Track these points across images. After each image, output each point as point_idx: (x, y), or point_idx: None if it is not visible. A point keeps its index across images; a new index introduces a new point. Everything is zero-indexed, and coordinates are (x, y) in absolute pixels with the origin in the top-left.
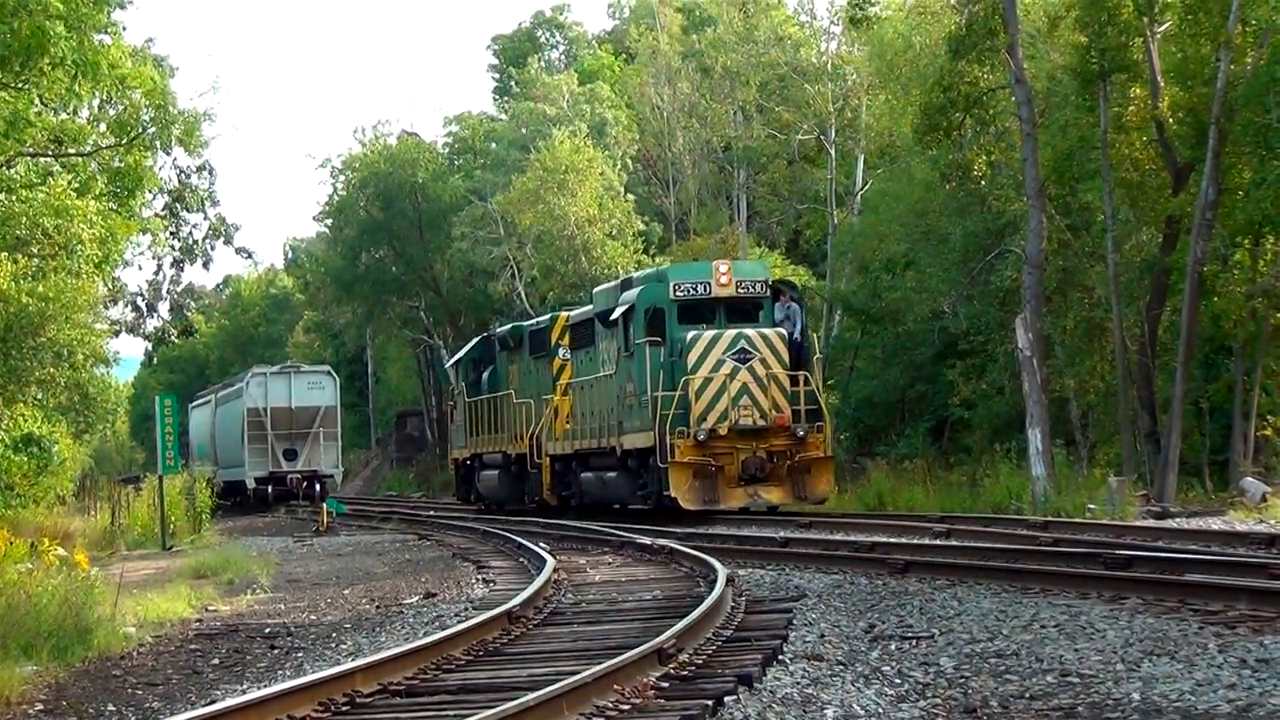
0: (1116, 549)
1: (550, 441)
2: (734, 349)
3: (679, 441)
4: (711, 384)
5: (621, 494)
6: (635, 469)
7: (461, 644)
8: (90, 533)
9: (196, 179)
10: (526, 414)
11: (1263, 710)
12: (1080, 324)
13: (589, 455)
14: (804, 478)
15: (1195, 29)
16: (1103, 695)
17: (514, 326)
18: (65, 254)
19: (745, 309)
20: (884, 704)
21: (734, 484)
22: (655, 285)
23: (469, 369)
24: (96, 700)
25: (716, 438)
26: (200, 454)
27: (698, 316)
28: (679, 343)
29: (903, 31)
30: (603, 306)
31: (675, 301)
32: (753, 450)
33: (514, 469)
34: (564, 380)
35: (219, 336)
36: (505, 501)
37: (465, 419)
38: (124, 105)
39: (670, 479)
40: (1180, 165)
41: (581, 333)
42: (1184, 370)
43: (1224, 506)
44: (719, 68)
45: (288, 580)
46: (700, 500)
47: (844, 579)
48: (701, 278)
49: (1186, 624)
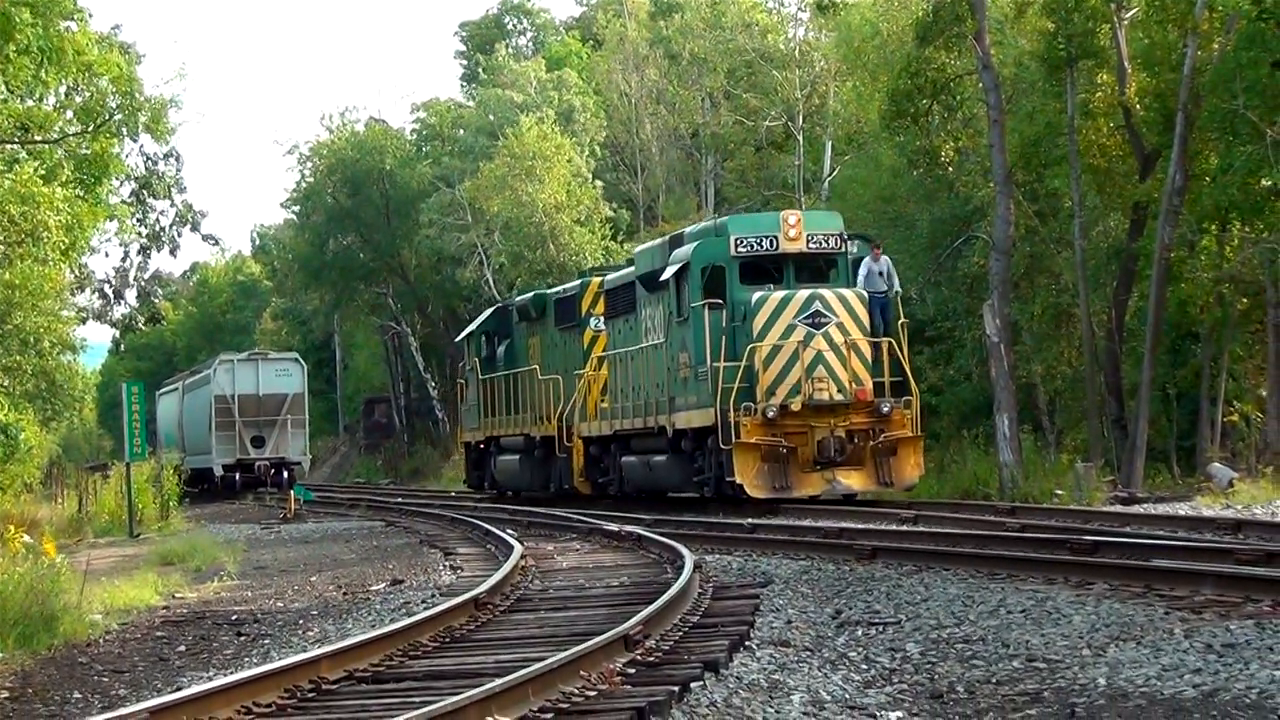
0: (1083, 534)
1: (583, 422)
2: (806, 312)
3: (744, 419)
4: (781, 352)
5: (672, 480)
6: (689, 452)
7: (428, 631)
8: (57, 520)
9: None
10: (554, 391)
11: (1228, 695)
12: (1048, 310)
13: (631, 437)
14: (889, 460)
15: (1162, 15)
16: (1069, 680)
17: (536, 295)
18: (32, 241)
19: (817, 266)
20: (850, 690)
21: (808, 468)
22: (713, 241)
23: (482, 343)
24: (63, 688)
25: (788, 415)
26: (168, 441)
27: (763, 275)
28: (742, 305)
29: (870, 18)
30: (647, 267)
31: (737, 259)
32: (830, 429)
33: (538, 453)
34: (598, 353)
35: (186, 323)
36: (527, 489)
37: (479, 398)
38: (90, 92)
39: (735, 463)
40: (1147, 151)
41: (619, 299)
42: (1151, 356)
43: (1191, 492)
44: (686, 54)
45: (255, 567)
46: (770, 487)
47: (811, 565)
48: (767, 231)
49: (1153, 609)
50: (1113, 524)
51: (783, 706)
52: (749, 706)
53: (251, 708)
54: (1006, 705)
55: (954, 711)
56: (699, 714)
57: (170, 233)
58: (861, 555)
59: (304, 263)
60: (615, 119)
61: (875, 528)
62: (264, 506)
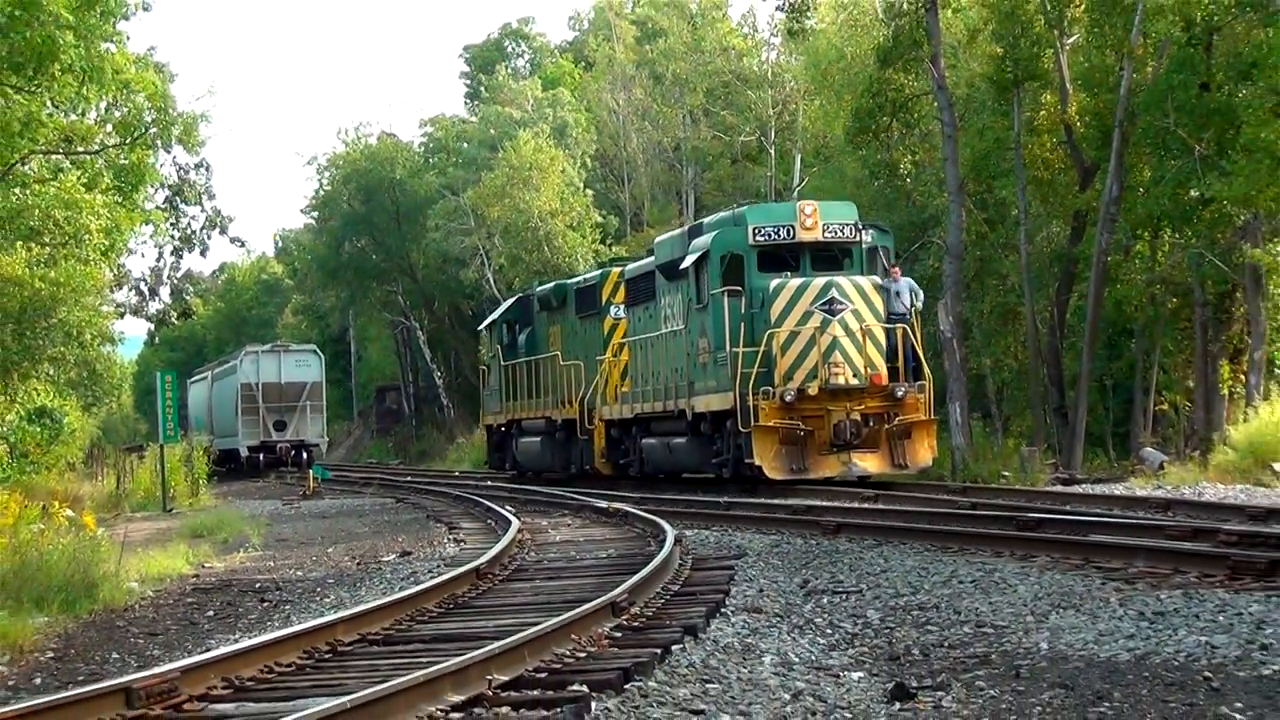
0: (1028, 512)
1: (605, 405)
2: (822, 299)
3: (763, 403)
4: (798, 338)
5: (691, 462)
6: (708, 434)
7: (434, 598)
8: (97, 496)
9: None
10: (575, 376)
11: (1158, 658)
12: (996, 308)
13: (651, 420)
14: (903, 443)
15: (1101, 41)
16: (1014, 644)
17: (557, 285)
18: (75, 243)
19: (833, 254)
20: (816, 652)
21: (825, 450)
22: (731, 230)
23: (504, 332)
24: (102, 649)
25: (805, 398)
26: (198, 425)
27: (780, 264)
28: (760, 292)
29: (835, 43)
30: (666, 257)
31: (755, 247)
32: (846, 412)
33: (559, 435)
34: (618, 339)
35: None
36: (548, 469)
37: (501, 383)
38: (128, 107)
39: (754, 445)
40: (1087, 165)
41: (639, 288)
42: (1089, 350)
43: (1125, 474)
44: (669, 75)
45: (277, 539)
46: (787, 469)
47: (781, 539)
48: (784, 220)
49: (1090, 580)
50: (1054, 503)
51: (755, 667)
52: (724, 667)
53: (273, 667)
54: (958, 667)
55: (910, 672)
56: (679, 674)
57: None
58: (827, 530)
59: (322, 263)
60: (604, 134)
61: (840, 505)
62: (285, 484)
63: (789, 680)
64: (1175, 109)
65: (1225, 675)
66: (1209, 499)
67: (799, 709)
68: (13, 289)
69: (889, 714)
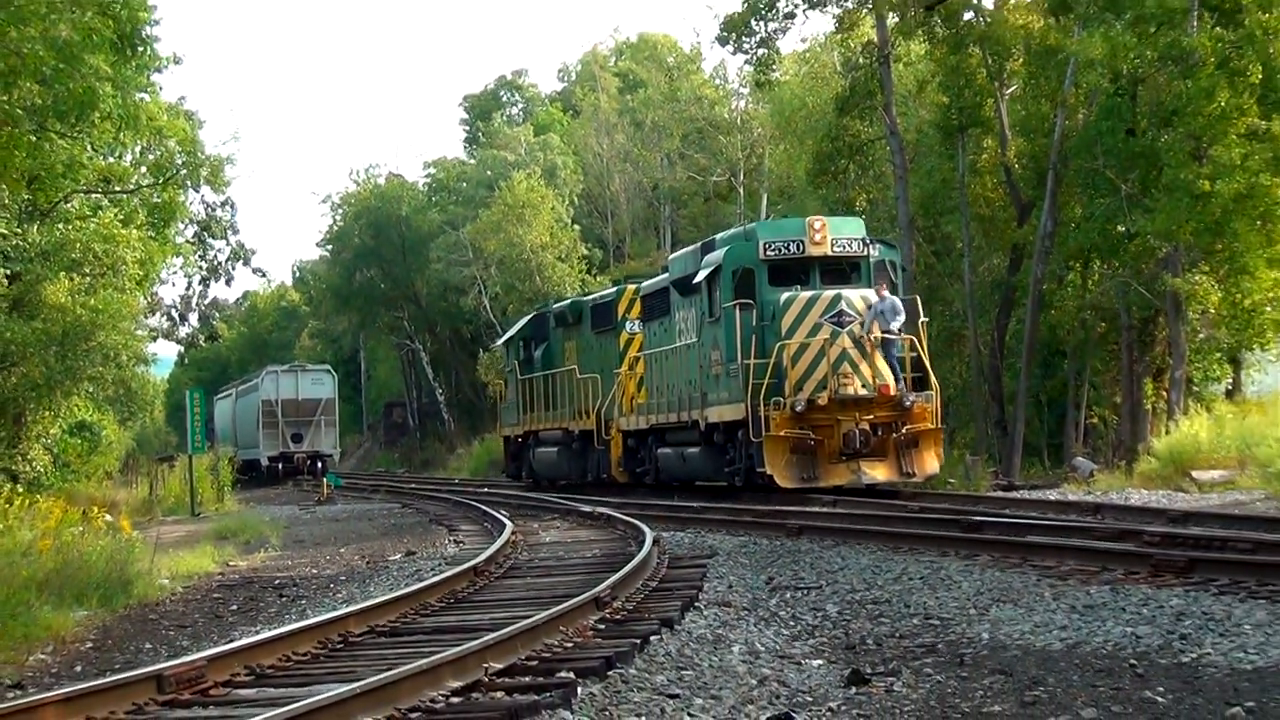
0: (971, 515)
1: (622, 417)
2: (831, 312)
3: (774, 413)
4: (808, 350)
5: (705, 470)
6: (721, 444)
7: (436, 593)
8: (132, 502)
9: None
10: (592, 389)
11: (1088, 647)
12: (942, 332)
13: (666, 430)
14: (911, 452)
15: (1037, 91)
16: (959, 635)
17: (573, 302)
18: (112, 273)
19: (842, 269)
20: (780, 642)
21: (834, 459)
22: (743, 245)
23: (520, 347)
24: (136, 639)
25: (815, 409)
26: (223, 437)
27: (790, 278)
28: (771, 306)
29: (798, 93)
30: (680, 273)
31: (765, 262)
32: (855, 422)
33: (576, 445)
34: (634, 353)
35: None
36: (564, 478)
37: (518, 396)
38: (161, 151)
39: (765, 454)
40: (1024, 202)
41: (654, 303)
42: (1026, 369)
43: (1059, 481)
44: (648, 122)
45: (294, 541)
46: (798, 478)
47: (749, 540)
48: (794, 235)
49: (1027, 577)
50: (995, 507)
51: (725, 656)
52: (697, 655)
53: (290, 656)
54: (908, 655)
55: (865, 660)
56: (657, 662)
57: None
58: (790, 532)
59: (335, 292)
60: (590, 174)
61: (802, 509)
62: (302, 491)
63: (756, 667)
64: (1104, 152)
65: (1149, 662)
66: (1134, 503)
67: (764, 693)
68: (56, 315)
69: (846, 697)
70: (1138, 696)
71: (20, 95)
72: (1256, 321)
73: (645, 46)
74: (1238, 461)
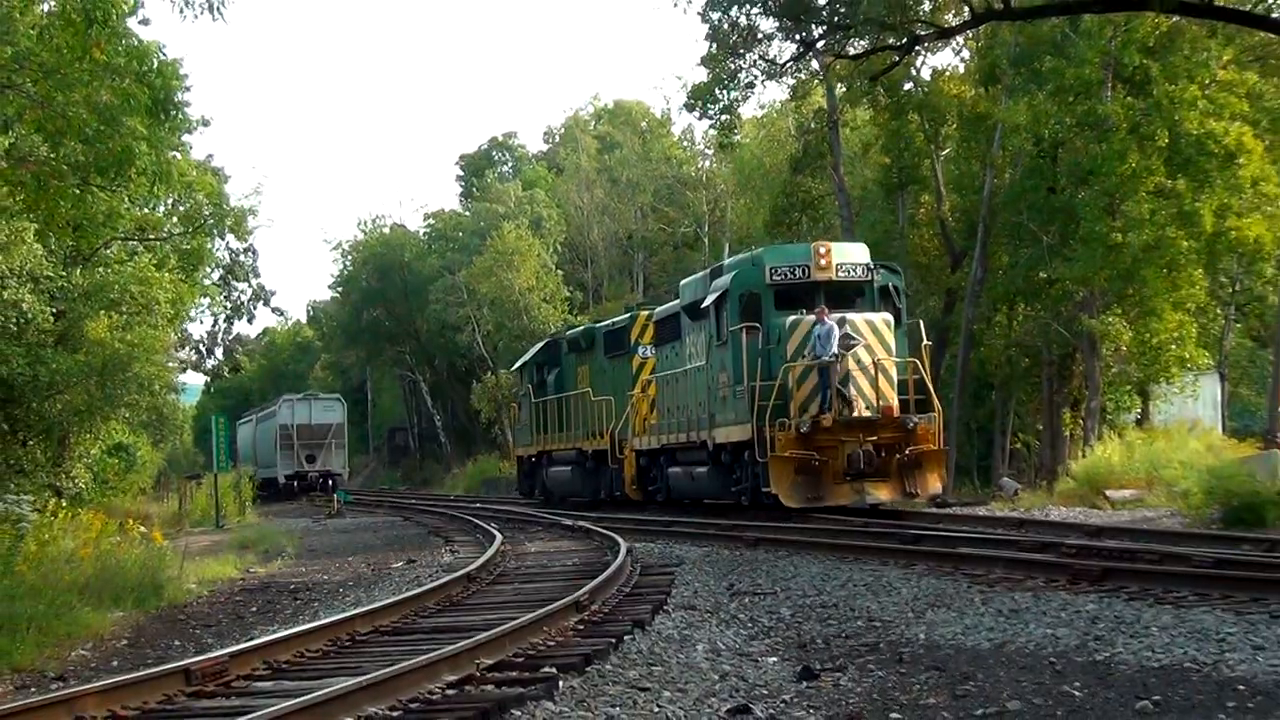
0: (910, 529)
1: (635, 437)
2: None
3: (779, 434)
4: (813, 372)
5: (713, 489)
6: (728, 464)
7: (434, 597)
8: (164, 515)
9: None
10: (606, 411)
11: (1014, 646)
12: None
13: (676, 450)
14: (914, 473)
15: (968, 152)
16: (898, 635)
17: (586, 329)
18: (146, 312)
19: (846, 293)
20: (740, 641)
21: (839, 480)
22: (749, 270)
23: (534, 372)
24: (167, 637)
25: (819, 430)
26: (245, 457)
27: (796, 302)
28: (777, 329)
29: (756, 154)
30: (690, 298)
31: (771, 286)
32: (859, 443)
33: (589, 464)
34: (646, 375)
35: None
36: (577, 496)
37: (532, 418)
38: (190, 203)
39: (770, 474)
40: (957, 252)
41: (666, 328)
42: (959, 400)
43: (987, 499)
44: (624, 179)
45: (307, 550)
46: (803, 498)
47: (712, 550)
48: (800, 260)
49: (959, 584)
50: (931, 522)
51: (690, 653)
52: (666, 653)
53: (304, 652)
54: (853, 653)
55: (815, 657)
56: (630, 659)
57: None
58: (748, 544)
59: (345, 328)
60: (572, 225)
61: (759, 523)
62: (314, 506)
63: (718, 664)
64: (1028, 208)
65: (1066, 660)
66: (1054, 519)
67: (725, 687)
68: (97, 349)
69: (798, 690)
70: (1057, 691)
71: (65, 153)
72: (1163, 358)
73: (621, 112)
74: (1146, 482)
